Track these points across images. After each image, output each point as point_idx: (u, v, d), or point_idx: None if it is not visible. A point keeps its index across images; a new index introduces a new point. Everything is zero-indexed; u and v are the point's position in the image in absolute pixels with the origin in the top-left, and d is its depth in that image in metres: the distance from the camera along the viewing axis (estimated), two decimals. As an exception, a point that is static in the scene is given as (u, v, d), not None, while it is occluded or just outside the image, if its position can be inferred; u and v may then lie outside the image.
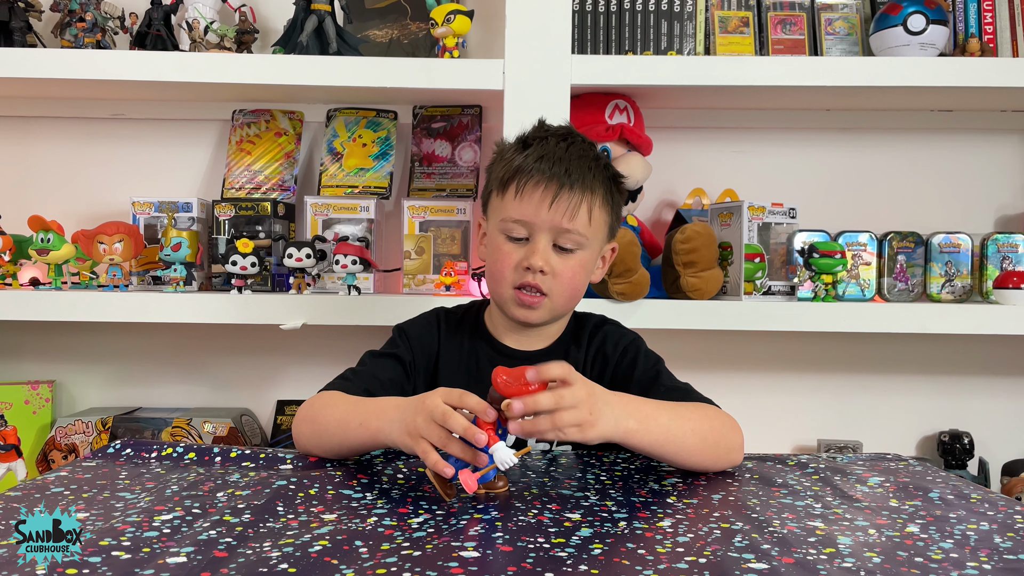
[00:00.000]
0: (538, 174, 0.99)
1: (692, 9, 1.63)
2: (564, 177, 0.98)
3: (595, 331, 1.11)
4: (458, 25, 1.51)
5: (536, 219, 0.99)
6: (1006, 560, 0.66)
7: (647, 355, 1.08)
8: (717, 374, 1.76)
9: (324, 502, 0.78)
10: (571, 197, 0.98)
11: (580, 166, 1.00)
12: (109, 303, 1.45)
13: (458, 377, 1.09)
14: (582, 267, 1.03)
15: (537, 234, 1.00)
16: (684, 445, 0.90)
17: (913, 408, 1.77)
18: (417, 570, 0.60)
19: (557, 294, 1.01)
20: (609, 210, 1.04)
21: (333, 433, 0.93)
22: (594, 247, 1.04)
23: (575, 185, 0.98)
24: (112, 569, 0.59)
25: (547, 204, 0.98)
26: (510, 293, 1.02)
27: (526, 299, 1.01)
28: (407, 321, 1.14)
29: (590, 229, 1.01)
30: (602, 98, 1.60)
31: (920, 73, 1.49)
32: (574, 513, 0.76)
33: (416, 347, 1.10)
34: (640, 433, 0.86)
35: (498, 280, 1.03)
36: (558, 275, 1.00)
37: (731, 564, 0.63)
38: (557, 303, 1.02)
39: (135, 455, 0.95)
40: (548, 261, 0.99)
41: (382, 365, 1.07)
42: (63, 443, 1.62)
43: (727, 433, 0.94)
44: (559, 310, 1.04)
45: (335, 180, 1.68)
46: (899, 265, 1.62)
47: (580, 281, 1.04)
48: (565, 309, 1.06)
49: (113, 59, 1.50)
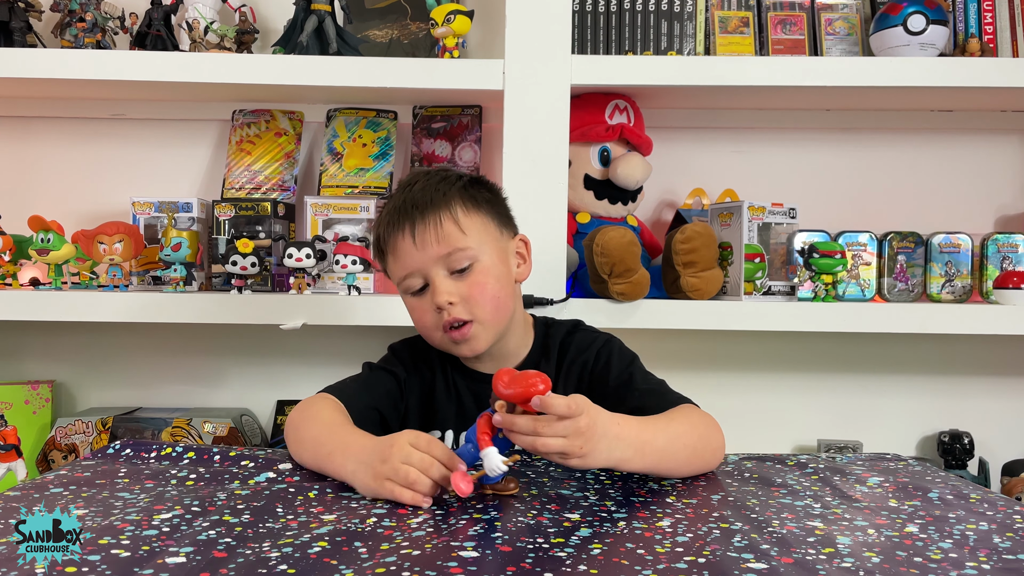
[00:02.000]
0: (393, 228, 1.00)
1: (692, 9, 1.63)
2: (412, 212, 0.99)
3: (566, 339, 1.09)
4: (458, 25, 1.51)
5: (416, 264, 0.99)
6: (1005, 560, 0.66)
7: (621, 356, 1.07)
8: (717, 374, 1.76)
9: (323, 502, 0.78)
10: (427, 224, 0.98)
11: (423, 196, 1.00)
12: (109, 303, 1.45)
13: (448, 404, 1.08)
14: (488, 276, 1.00)
15: (428, 272, 0.99)
16: (676, 460, 0.90)
17: (913, 408, 1.77)
18: (416, 570, 0.60)
19: (479, 314, 0.99)
20: (478, 211, 1.02)
21: (307, 450, 0.93)
22: (487, 252, 1.01)
23: (424, 212, 0.99)
24: (112, 568, 0.59)
25: (411, 245, 0.98)
26: (442, 338, 1.01)
27: (457, 335, 1.00)
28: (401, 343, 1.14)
29: (469, 237, 0.99)
30: (602, 98, 1.60)
31: (920, 73, 1.49)
32: (573, 513, 0.76)
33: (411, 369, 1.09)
34: (634, 461, 0.85)
35: (427, 334, 1.03)
36: (468, 297, 0.99)
37: (730, 564, 0.63)
38: (487, 321, 1.00)
39: (134, 455, 0.95)
40: (450, 292, 0.98)
41: (379, 378, 1.07)
42: (63, 443, 1.62)
43: (711, 436, 0.94)
44: (494, 326, 1.02)
45: (335, 180, 1.68)
46: (899, 265, 1.62)
47: (495, 290, 1.01)
48: (500, 322, 1.03)
49: (113, 59, 1.50)
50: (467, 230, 0.99)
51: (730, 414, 0.97)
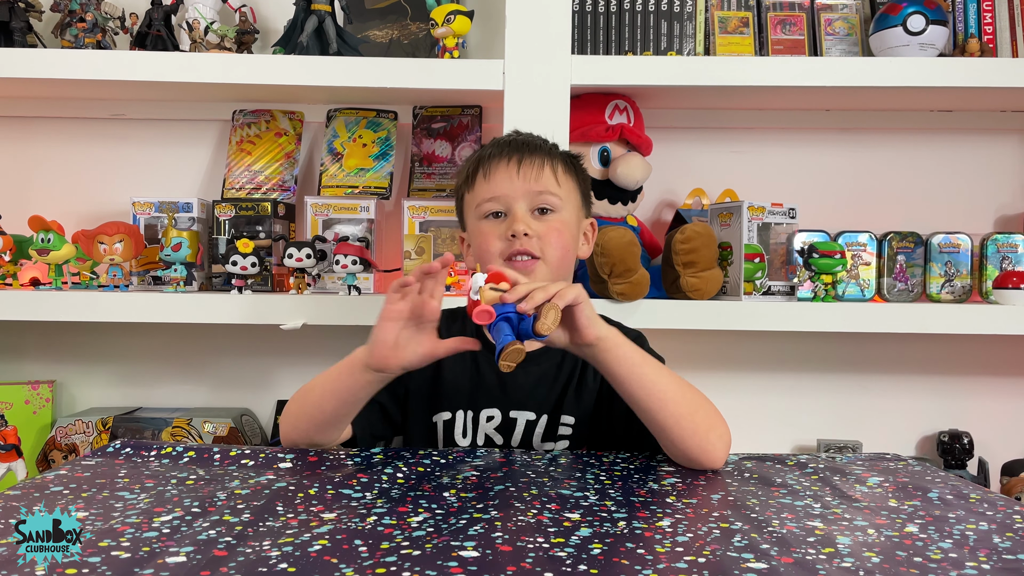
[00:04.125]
0: (498, 153, 1.07)
1: (692, 9, 1.63)
2: (522, 148, 1.06)
3: None
4: (458, 25, 1.51)
5: (508, 190, 1.05)
6: (1005, 560, 0.66)
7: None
8: (717, 374, 1.76)
9: (324, 501, 0.78)
10: (533, 161, 1.05)
11: (534, 141, 1.09)
12: (109, 303, 1.46)
13: (460, 380, 1.10)
14: (565, 227, 1.06)
15: (513, 204, 1.05)
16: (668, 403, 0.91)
17: (913, 408, 1.77)
18: (416, 570, 0.60)
19: (549, 255, 1.04)
20: (574, 179, 1.10)
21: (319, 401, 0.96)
22: (570, 211, 1.08)
23: (534, 152, 1.06)
24: (112, 569, 0.59)
25: (514, 172, 1.04)
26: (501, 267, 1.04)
27: (520, 266, 1.03)
28: None
29: (561, 190, 1.06)
30: (602, 98, 1.60)
31: (920, 73, 1.49)
32: (574, 513, 0.76)
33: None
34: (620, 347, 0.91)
35: (488, 260, 1.06)
36: (543, 236, 1.04)
37: (730, 564, 0.63)
38: (552, 264, 1.05)
39: (135, 454, 0.95)
40: (530, 224, 1.03)
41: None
42: (63, 443, 1.62)
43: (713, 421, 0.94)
44: (555, 275, 1.05)
45: (335, 180, 1.68)
46: (899, 265, 1.62)
47: (568, 241, 1.07)
48: (560, 275, 1.07)
49: (113, 59, 1.50)
50: (562, 185, 1.07)
51: (730, 414, 0.97)
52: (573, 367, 1.09)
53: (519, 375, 1.07)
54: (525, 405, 1.07)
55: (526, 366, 1.08)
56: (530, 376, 1.08)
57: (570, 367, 1.09)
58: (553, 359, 1.09)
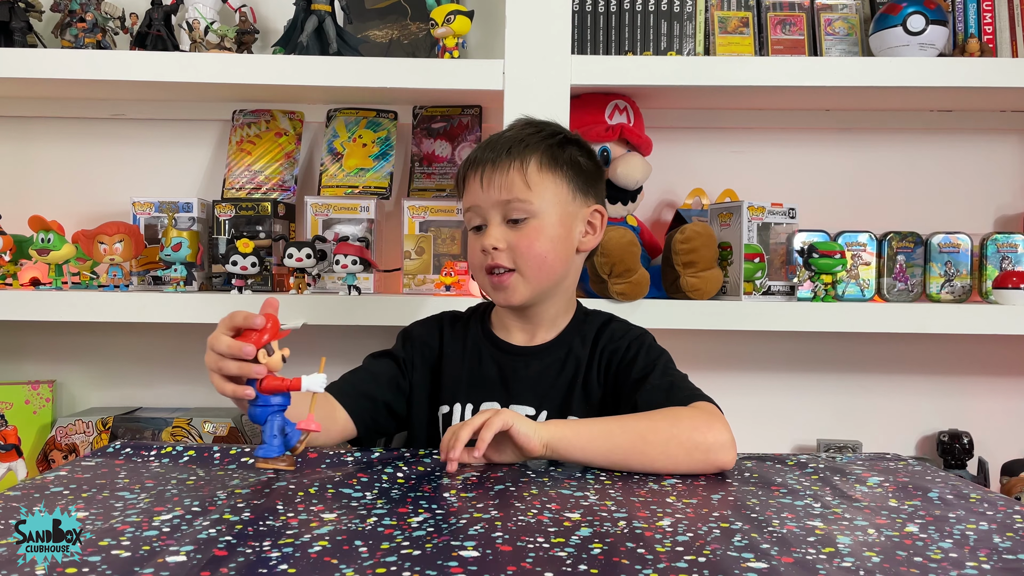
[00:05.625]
0: (471, 164, 1.05)
1: (692, 9, 1.63)
2: (489, 154, 1.03)
3: (601, 328, 1.12)
4: (458, 25, 1.51)
5: (480, 201, 1.04)
6: (1005, 560, 0.66)
7: (649, 351, 1.08)
8: (717, 374, 1.75)
9: (324, 501, 0.78)
10: (498, 169, 1.02)
11: (506, 142, 1.04)
12: (109, 303, 1.45)
13: (460, 374, 1.11)
14: (539, 234, 1.03)
15: (487, 215, 1.04)
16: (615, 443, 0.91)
17: (913, 408, 1.77)
18: (417, 570, 0.60)
19: (522, 265, 1.03)
20: (554, 171, 1.05)
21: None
22: (548, 211, 1.04)
23: (498, 158, 1.03)
24: (112, 568, 0.59)
25: (479, 185, 1.03)
26: (484, 280, 1.06)
27: (496, 281, 1.04)
28: (413, 323, 1.18)
29: (533, 192, 1.02)
30: (602, 98, 1.60)
31: (920, 73, 1.49)
32: (574, 513, 0.76)
33: (416, 346, 1.13)
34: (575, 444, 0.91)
35: (474, 271, 1.08)
36: (515, 246, 1.03)
37: (730, 563, 0.63)
38: (528, 275, 1.03)
39: (135, 454, 0.95)
40: (499, 237, 1.03)
41: (377, 364, 1.11)
42: (63, 443, 1.62)
43: (699, 438, 0.91)
44: (535, 283, 1.04)
45: (335, 180, 1.68)
46: (899, 265, 1.62)
47: (545, 248, 1.03)
48: (542, 281, 1.05)
49: (113, 59, 1.50)
50: (533, 186, 1.03)
51: (730, 414, 0.97)
52: (577, 366, 1.09)
53: (520, 369, 1.07)
54: (526, 400, 1.08)
55: (528, 361, 1.08)
56: (531, 370, 1.09)
57: (574, 365, 1.09)
58: (556, 355, 1.09)
